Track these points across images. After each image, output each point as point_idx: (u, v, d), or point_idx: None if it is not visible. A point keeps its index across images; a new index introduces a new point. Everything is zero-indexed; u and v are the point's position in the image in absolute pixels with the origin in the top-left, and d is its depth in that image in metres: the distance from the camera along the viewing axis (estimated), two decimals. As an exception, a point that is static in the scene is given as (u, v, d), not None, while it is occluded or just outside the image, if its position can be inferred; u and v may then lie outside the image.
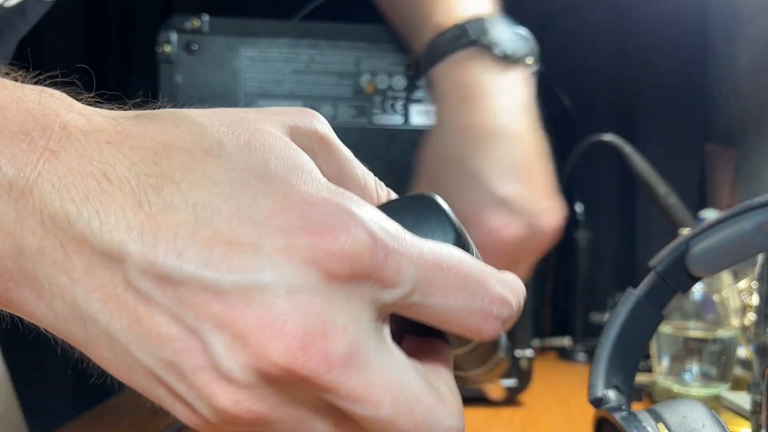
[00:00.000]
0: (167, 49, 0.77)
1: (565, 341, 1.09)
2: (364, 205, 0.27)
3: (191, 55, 0.77)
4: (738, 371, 0.81)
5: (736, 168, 1.17)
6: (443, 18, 0.66)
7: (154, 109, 0.30)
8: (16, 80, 0.29)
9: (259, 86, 0.78)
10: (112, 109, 0.29)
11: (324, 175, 0.28)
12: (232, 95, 0.77)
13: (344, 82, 0.78)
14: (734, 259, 0.48)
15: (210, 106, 0.65)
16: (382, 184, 0.33)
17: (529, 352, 0.81)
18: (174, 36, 0.77)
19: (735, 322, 0.77)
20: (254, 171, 0.26)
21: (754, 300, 0.72)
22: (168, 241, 0.25)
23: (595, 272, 1.13)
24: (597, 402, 0.45)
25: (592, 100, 1.18)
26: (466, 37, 0.64)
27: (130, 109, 0.29)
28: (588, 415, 0.45)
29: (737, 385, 0.78)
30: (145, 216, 0.25)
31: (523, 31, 0.68)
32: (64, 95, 0.28)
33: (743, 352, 0.81)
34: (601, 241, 1.17)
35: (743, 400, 0.72)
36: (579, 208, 1.13)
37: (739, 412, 0.71)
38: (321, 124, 0.31)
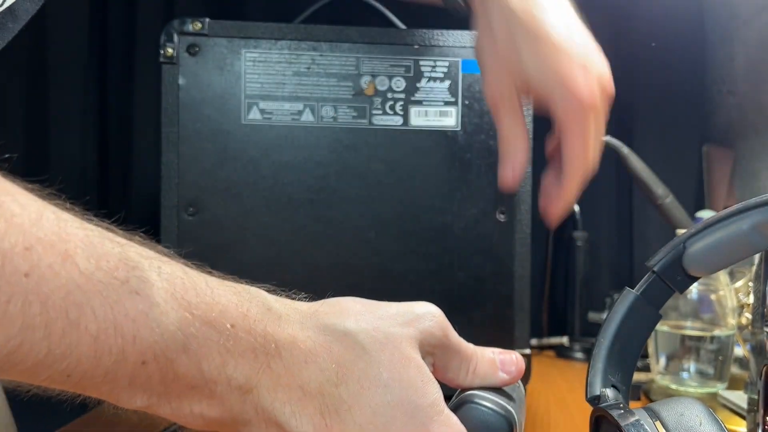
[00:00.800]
0: (169, 51, 0.78)
1: (563, 340, 1.10)
2: None
3: (193, 57, 0.78)
4: (735, 370, 0.82)
5: (733, 169, 1.17)
6: None
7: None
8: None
9: (261, 87, 0.78)
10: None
11: (434, 362, 0.44)
12: (233, 97, 0.78)
13: (344, 84, 0.79)
14: (731, 258, 0.49)
15: (212, 108, 0.67)
16: (469, 366, 0.46)
17: (527, 351, 0.82)
18: (176, 38, 0.78)
19: (732, 321, 0.78)
20: (402, 407, 0.40)
21: (751, 299, 0.72)
22: None
23: (592, 272, 1.14)
24: (594, 400, 0.46)
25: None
26: None
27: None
28: (586, 413, 0.45)
29: (734, 383, 0.78)
30: (325, 425, 0.39)
31: None
32: (267, 300, 0.41)
33: (740, 351, 0.82)
34: (599, 241, 1.18)
35: (740, 398, 0.72)
36: (577, 208, 1.13)
37: (736, 411, 0.72)
38: (443, 330, 0.44)
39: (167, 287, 0.35)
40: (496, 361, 0.48)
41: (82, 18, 1.15)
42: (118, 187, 1.18)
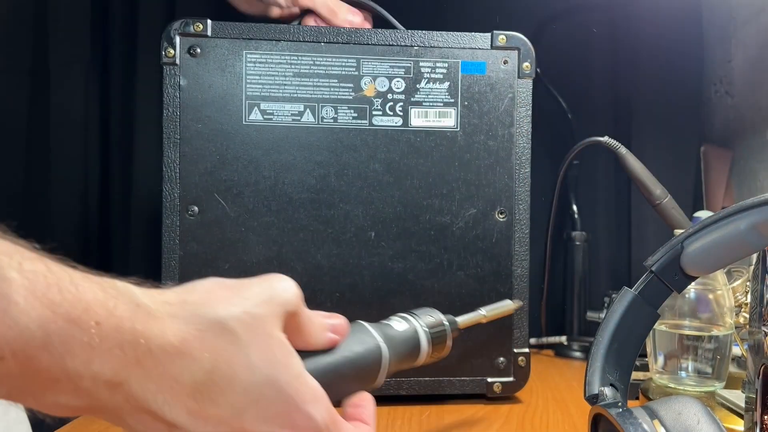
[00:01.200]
0: (171, 52, 0.78)
1: (562, 339, 1.10)
2: (323, 406, 0.46)
3: (194, 58, 0.79)
4: (732, 369, 0.82)
5: (731, 169, 1.18)
6: None
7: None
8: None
9: (262, 88, 0.79)
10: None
11: (288, 328, 0.47)
12: (235, 98, 0.79)
13: (345, 85, 0.79)
14: (729, 258, 0.49)
15: (213, 109, 0.68)
16: (321, 320, 0.51)
17: (526, 351, 0.83)
18: (177, 39, 0.79)
19: (729, 320, 0.78)
20: (270, 384, 0.43)
21: (749, 299, 0.73)
22: (212, 424, 0.42)
23: (591, 271, 1.14)
24: (593, 399, 0.46)
25: (589, 102, 1.19)
26: None
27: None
28: (584, 411, 0.45)
29: (732, 382, 0.79)
30: (198, 407, 0.41)
31: None
32: (135, 295, 0.41)
33: (738, 350, 0.82)
34: (598, 241, 1.18)
35: (738, 397, 0.73)
36: (575, 208, 1.14)
37: (733, 410, 0.72)
38: (298, 300, 0.48)
39: (27, 285, 0.35)
40: (326, 325, 0.51)
41: (83, 18, 1.15)
42: (120, 187, 1.18)
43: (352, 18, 0.84)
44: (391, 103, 0.80)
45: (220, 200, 0.79)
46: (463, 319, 0.67)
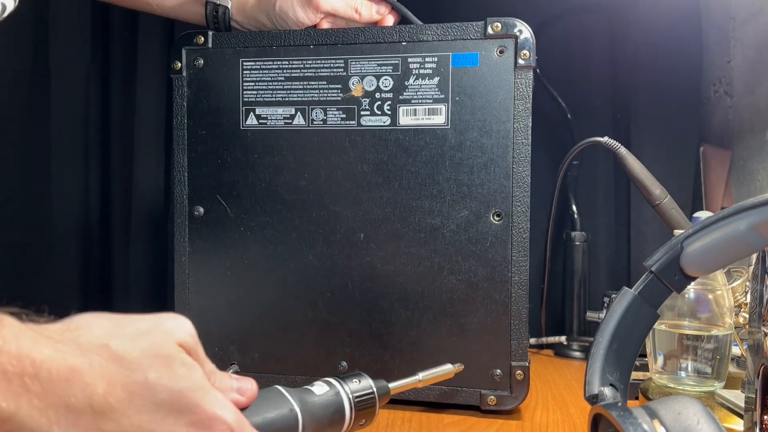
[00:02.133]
0: (178, 64, 0.83)
1: (562, 339, 1.10)
2: (230, 409, 0.46)
3: (198, 69, 0.83)
4: (732, 369, 0.82)
5: (730, 169, 1.18)
6: None
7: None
8: None
9: (257, 94, 0.81)
10: None
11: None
12: (233, 104, 0.82)
13: (333, 86, 0.79)
14: (728, 258, 0.49)
15: (215, 115, 0.70)
16: (228, 381, 0.50)
17: (524, 364, 0.78)
18: (183, 52, 0.83)
19: (729, 320, 0.78)
20: (175, 400, 0.42)
21: (748, 299, 0.73)
22: None
23: (590, 272, 1.14)
24: (593, 398, 0.46)
25: (589, 102, 1.19)
26: None
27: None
28: (584, 411, 0.45)
29: (731, 382, 0.79)
30: (101, 431, 0.39)
31: None
32: (16, 322, 0.38)
33: (737, 350, 0.82)
34: (597, 241, 1.18)
35: (737, 397, 0.73)
36: (575, 208, 1.14)
37: (733, 409, 0.72)
38: (194, 339, 0.47)
39: None
40: (232, 385, 0.50)
41: (84, 19, 1.15)
42: (120, 187, 1.18)
43: (378, 8, 0.83)
44: (379, 102, 0.79)
45: (222, 201, 0.81)
46: (396, 385, 0.65)
